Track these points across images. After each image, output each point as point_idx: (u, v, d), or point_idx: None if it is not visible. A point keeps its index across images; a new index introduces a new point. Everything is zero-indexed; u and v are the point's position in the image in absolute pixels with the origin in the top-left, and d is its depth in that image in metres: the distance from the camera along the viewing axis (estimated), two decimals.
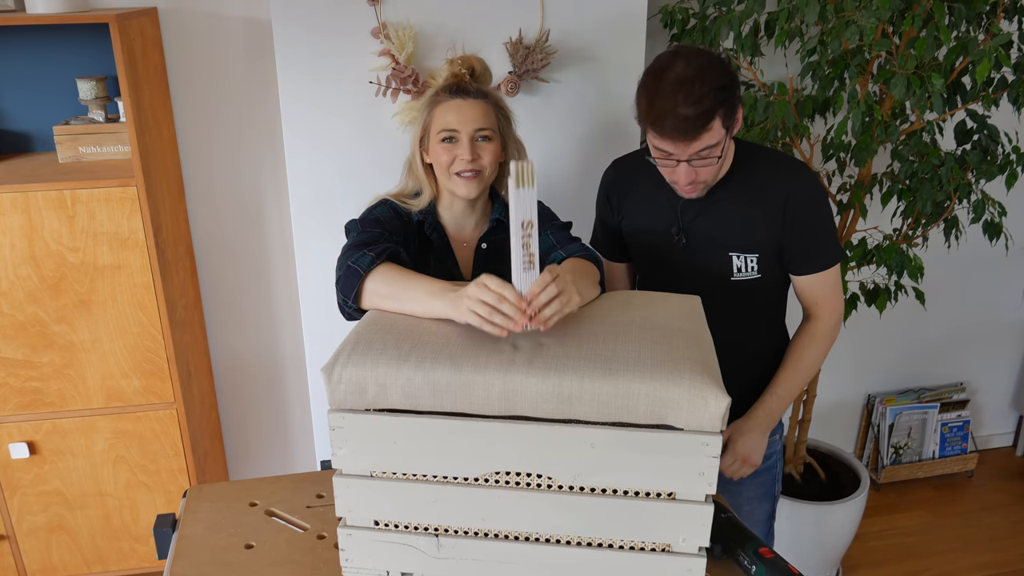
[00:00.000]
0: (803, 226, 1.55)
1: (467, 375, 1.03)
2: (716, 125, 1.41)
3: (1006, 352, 3.22)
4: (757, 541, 1.23)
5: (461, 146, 1.47)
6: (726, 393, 1.01)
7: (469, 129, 1.47)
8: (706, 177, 1.49)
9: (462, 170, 1.47)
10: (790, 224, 1.55)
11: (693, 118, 1.37)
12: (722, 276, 1.60)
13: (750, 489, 1.76)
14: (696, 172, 1.47)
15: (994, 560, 2.70)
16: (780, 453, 1.80)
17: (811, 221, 1.56)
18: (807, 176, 1.57)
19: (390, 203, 1.54)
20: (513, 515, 1.08)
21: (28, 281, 2.00)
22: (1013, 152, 2.09)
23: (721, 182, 1.57)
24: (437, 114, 1.49)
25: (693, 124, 1.38)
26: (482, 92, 1.51)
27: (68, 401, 2.12)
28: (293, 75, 1.98)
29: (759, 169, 1.57)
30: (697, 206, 1.59)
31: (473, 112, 1.48)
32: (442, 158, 1.48)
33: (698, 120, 1.38)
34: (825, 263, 1.59)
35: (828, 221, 1.58)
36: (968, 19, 1.91)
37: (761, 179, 1.56)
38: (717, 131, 1.42)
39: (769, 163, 1.58)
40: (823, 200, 1.57)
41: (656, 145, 1.46)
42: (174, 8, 2.18)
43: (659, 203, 1.64)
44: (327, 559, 1.30)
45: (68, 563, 2.29)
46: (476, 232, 1.58)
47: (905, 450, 3.07)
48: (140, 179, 1.97)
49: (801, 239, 1.56)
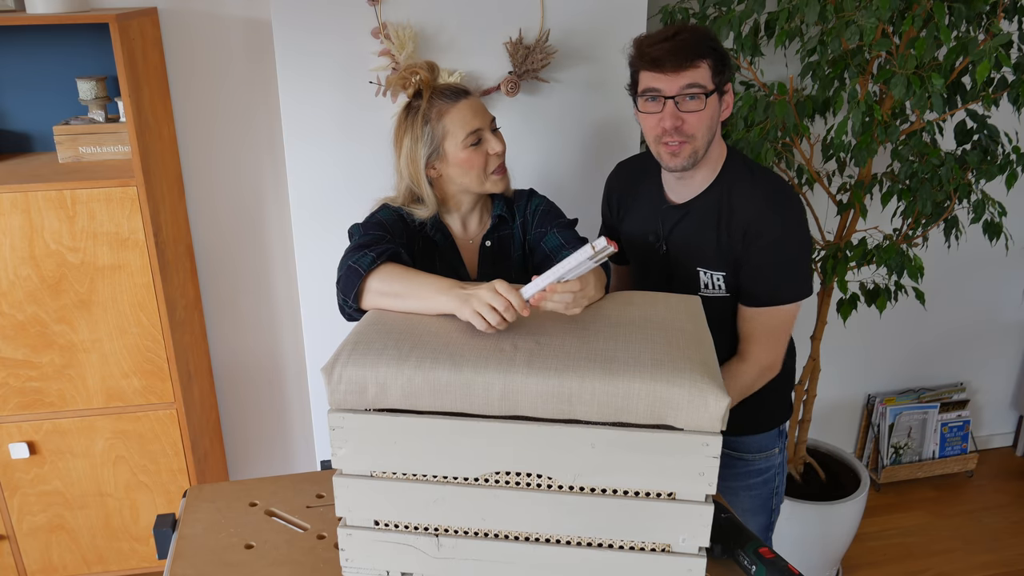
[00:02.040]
0: (756, 261, 1.50)
1: (467, 375, 1.03)
2: (704, 68, 1.44)
3: (1006, 352, 3.22)
4: (757, 541, 1.23)
5: (490, 142, 1.47)
6: (726, 393, 1.01)
7: (487, 123, 1.48)
8: (691, 131, 1.46)
9: (498, 166, 1.48)
10: (744, 256, 1.51)
11: (682, 47, 1.42)
12: (691, 289, 1.59)
13: (744, 501, 1.75)
14: (683, 120, 1.46)
15: (994, 560, 2.70)
16: (779, 468, 1.76)
17: (765, 258, 1.50)
18: (781, 214, 1.50)
19: (392, 207, 1.54)
20: (513, 515, 1.08)
21: (28, 281, 2.00)
22: (1013, 152, 2.09)
23: (703, 193, 1.55)
24: (451, 122, 1.44)
25: (682, 52, 1.42)
26: (468, 88, 1.51)
27: (68, 401, 2.12)
28: (293, 75, 1.98)
29: (737, 190, 1.53)
30: (678, 214, 1.58)
31: (483, 106, 1.49)
32: (475, 162, 1.45)
33: (688, 50, 1.43)
34: (766, 299, 1.52)
35: (788, 264, 1.51)
36: (968, 19, 1.91)
37: (733, 202, 1.52)
38: (704, 75, 1.44)
39: (749, 188, 1.52)
40: (789, 242, 1.50)
41: (645, 85, 1.48)
42: (174, 8, 2.18)
43: (649, 208, 1.64)
44: (327, 559, 1.30)
45: (68, 563, 2.29)
46: (480, 230, 1.58)
47: (905, 450, 3.07)
48: (140, 179, 1.97)
49: (750, 272, 1.52)
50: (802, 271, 1.53)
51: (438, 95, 1.46)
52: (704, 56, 1.44)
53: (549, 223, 1.56)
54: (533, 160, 2.14)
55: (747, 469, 1.72)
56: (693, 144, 1.48)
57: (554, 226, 1.54)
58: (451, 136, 1.45)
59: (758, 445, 1.71)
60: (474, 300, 1.11)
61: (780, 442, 1.74)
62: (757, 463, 1.72)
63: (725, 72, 1.48)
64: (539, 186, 1.96)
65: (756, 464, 1.72)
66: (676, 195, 1.60)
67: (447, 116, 1.45)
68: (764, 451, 1.72)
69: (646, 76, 1.47)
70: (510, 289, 1.12)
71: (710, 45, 1.45)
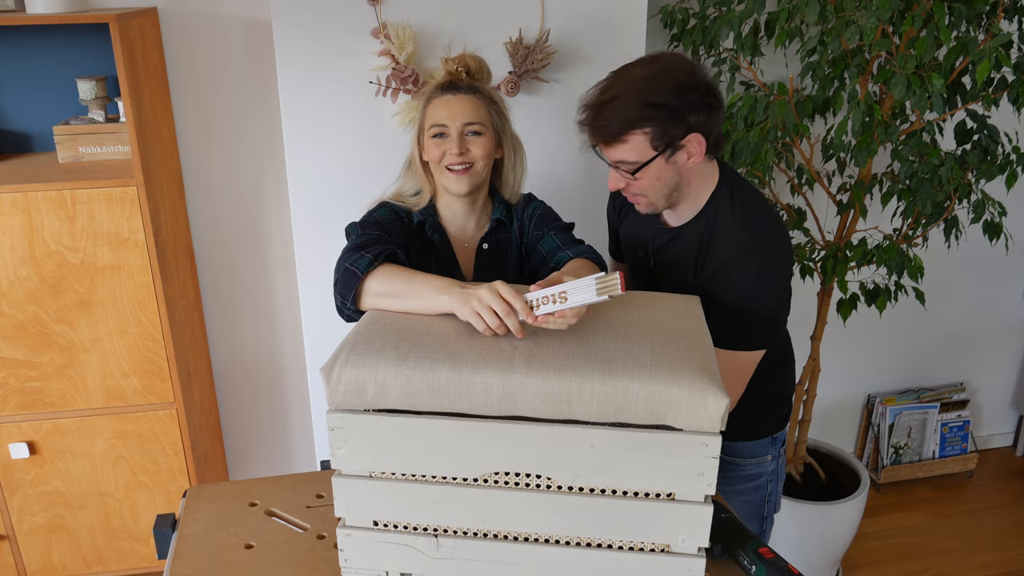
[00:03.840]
0: (723, 302, 1.43)
1: (466, 375, 1.03)
2: (637, 140, 1.34)
3: (1006, 352, 3.22)
4: (757, 541, 1.23)
5: (450, 140, 1.48)
6: (726, 393, 1.01)
7: (458, 123, 1.48)
8: (643, 191, 1.42)
9: (451, 164, 1.48)
10: (715, 293, 1.44)
11: (603, 128, 1.34)
12: None
13: (735, 506, 1.72)
14: (626, 183, 1.42)
15: (994, 560, 2.70)
16: (771, 475, 1.72)
17: (733, 302, 1.42)
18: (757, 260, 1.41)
19: (390, 205, 1.54)
20: (512, 515, 1.08)
21: (28, 281, 2.00)
22: (1013, 152, 2.09)
23: (691, 221, 1.49)
24: (429, 111, 1.51)
25: (603, 132, 1.35)
26: (474, 87, 1.52)
27: (68, 401, 2.12)
28: (293, 75, 1.98)
29: (720, 226, 1.45)
30: (667, 236, 1.54)
31: (462, 107, 1.49)
32: (433, 153, 1.50)
33: (609, 129, 1.34)
34: (726, 342, 1.42)
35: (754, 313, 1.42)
36: (968, 19, 1.91)
37: (714, 237, 1.46)
38: (636, 147, 1.35)
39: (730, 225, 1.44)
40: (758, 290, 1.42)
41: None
42: (174, 8, 2.18)
43: (644, 223, 1.60)
44: (327, 559, 1.30)
45: (68, 563, 2.29)
46: (477, 232, 1.59)
47: (905, 450, 3.07)
48: (140, 179, 1.97)
49: (716, 312, 1.40)
50: (769, 321, 1.45)
51: (443, 84, 1.52)
52: (634, 127, 1.33)
53: (546, 226, 1.56)
54: (533, 160, 2.13)
55: (738, 474, 1.70)
56: (647, 199, 1.45)
57: (551, 228, 1.55)
58: (426, 123, 1.52)
59: (750, 451, 1.68)
60: (474, 300, 1.11)
61: (774, 449, 1.71)
62: (748, 468, 1.69)
63: (678, 127, 1.34)
64: (539, 186, 1.96)
65: (747, 469, 1.70)
66: (669, 217, 1.56)
67: (429, 105, 1.52)
68: (756, 457, 1.69)
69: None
70: (511, 292, 1.10)
71: (649, 112, 1.31)
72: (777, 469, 1.73)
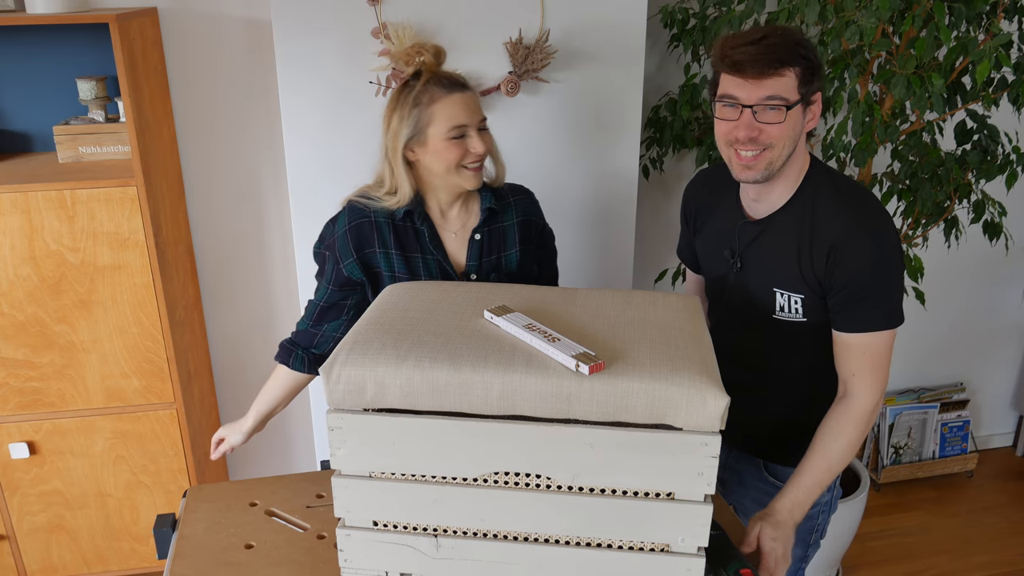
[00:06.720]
0: (845, 279, 1.38)
1: (466, 374, 1.03)
2: (790, 77, 1.33)
3: (1006, 352, 3.22)
4: (740, 562, 1.20)
5: (472, 140, 1.47)
6: (725, 392, 1.01)
7: (475, 121, 1.48)
8: (769, 140, 1.36)
9: (471, 162, 1.48)
10: (829, 279, 1.40)
11: (767, 53, 1.32)
12: (765, 311, 1.49)
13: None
14: (759, 130, 1.36)
15: (994, 560, 2.70)
16: (824, 506, 1.62)
17: (856, 277, 1.38)
18: (870, 233, 1.37)
19: (358, 208, 1.53)
20: (512, 515, 1.08)
21: (28, 281, 2.00)
22: (1013, 152, 2.09)
23: (784, 208, 1.45)
24: (439, 111, 1.45)
25: (766, 58, 1.32)
26: (465, 81, 1.51)
27: (68, 401, 2.12)
28: (293, 75, 1.98)
29: (821, 206, 1.41)
30: (755, 230, 1.48)
31: (474, 103, 1.48)
32: (452, 153, 1.46)
33: (773, 56, 1.32)
34: (866, 325, 1.39)
35: (882, 281, 1.39)
36: (968, 19, 1.91)
37: (816, 220, 1.41)
38: (789, 85, 1.33)
39: (833, 203, 1.41)
40: (881, 257, 1.38)
41: (723, 90, 1.38)
42: (174, 8, 2.18)
43: (726, 223, 1.54)
44: (327, 559, 1.30)
45: (68, 563, 2.29)
46: (463, 221, 1.58)
47: (905, 450, 3.07)
48: (140, 179, 1.97)
49: (841, 292, 1.39)
50: (898, 292, 1.41)
51: (435, 81, 1.47)
52: (791, 64, 1.32)
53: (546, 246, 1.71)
54: (533, 160, 2.14)
55: None
56: (770, 154, 1.37)
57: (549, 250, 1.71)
58: (435, 124, 1.45)
59: None
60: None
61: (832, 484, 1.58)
62: None
63: (814, 81, 1.36)
64: (538, 186, 1.96)
65: None
66: (754, 210, 1.50)
67: (437, 104, 1.45)
68: None
69: (726, 80, 1.37)
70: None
71: (800, 52, 1.33)
72: (831, 500, 1.65)
